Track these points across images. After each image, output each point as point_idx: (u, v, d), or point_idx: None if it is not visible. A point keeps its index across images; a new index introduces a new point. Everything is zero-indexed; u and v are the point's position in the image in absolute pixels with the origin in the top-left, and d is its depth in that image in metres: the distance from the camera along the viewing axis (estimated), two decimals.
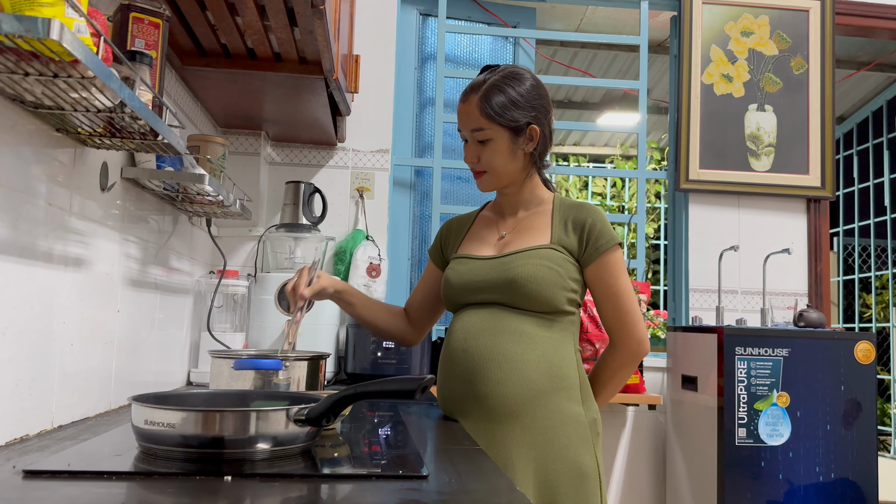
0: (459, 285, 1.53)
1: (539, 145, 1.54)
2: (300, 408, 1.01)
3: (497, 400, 1.41)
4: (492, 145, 1.50)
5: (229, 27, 1.67)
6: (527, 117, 1.50)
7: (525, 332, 1.44)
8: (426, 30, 3.07)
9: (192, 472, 0.92)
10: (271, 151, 2.67)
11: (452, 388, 1.50)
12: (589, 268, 1.50)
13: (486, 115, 1.48)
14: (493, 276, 1.48)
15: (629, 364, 1.54)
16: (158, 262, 1.81)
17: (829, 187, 3.00)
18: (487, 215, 1.67)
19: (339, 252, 2.61)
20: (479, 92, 1.50)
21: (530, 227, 1.56)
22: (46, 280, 1.20)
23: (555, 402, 1.42)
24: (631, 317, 1.50)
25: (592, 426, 1.46)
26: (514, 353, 1.43)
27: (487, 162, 1.51)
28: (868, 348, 2.47)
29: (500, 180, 1.55)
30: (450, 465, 1.11)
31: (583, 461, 1.41)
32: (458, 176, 3.07)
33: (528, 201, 1.59)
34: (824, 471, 2.42)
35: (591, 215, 1.51)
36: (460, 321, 1.53)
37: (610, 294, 1.50)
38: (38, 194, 1.17)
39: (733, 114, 3.00)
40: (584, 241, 1.49)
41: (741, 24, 3.03)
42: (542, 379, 1.42)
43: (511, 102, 1.49)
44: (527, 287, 1.44)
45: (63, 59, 0.87)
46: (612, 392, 1.58)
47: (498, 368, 1.42)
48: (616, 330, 1.52)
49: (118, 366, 1.54)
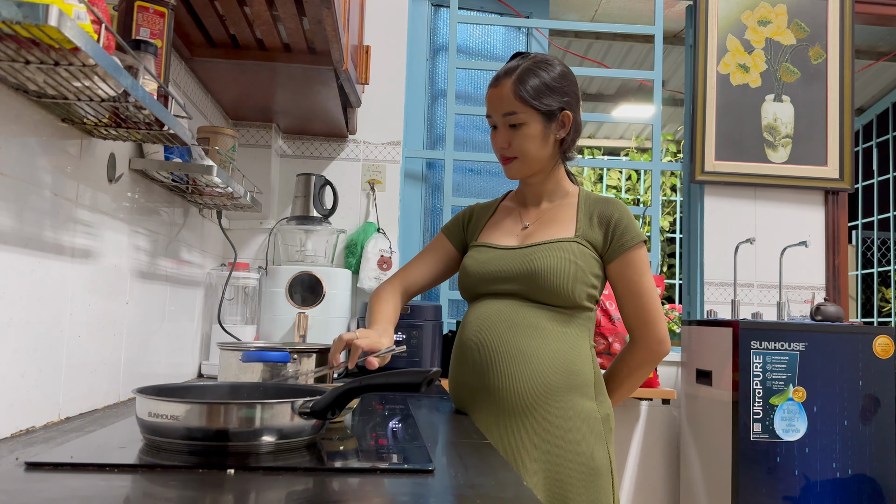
0: (478, 274, 1.50)
1: (570, 133, 1.51)
2: (305, 400, 1.00)
3: (509, 394, 1.39)
4: (524, 130, 1.47)
5: (238, 17, 1.65)
6: (560, 102, 1.48)
7: (541, 327, 1.42)
8: (438, 20, 3.05)
9: (196, 465, 0.91)
10: (282, 144, 2.67)
11: (464, 381, 1.48)
12: (612, 264, 1.47)
13: (519, 99, 1.45)
14: (513, 267, 1.46)
15: (648, 363, 1.52)
16: (169, 255, 1.81)
17: (847, 179, 2.95)
18: (509, 205, 1.64)
19: (350, 245, 2.60)
20: (513, 76, 1.47)
21: (554, 218, 1.53)
22: (53, 271, 1.20)
23: (568, 399, 1.39)
24: (653, 315, 1.47)
25: (605, 422, 1.44)
26: (528, 347, 1.40)
27: (519, 147, 1.48)
28: (887, 343, 2.42)
29: (530, 167, 1.51)
30: (457, 460, 1.10)
31: (595, 457, 1.39)
32: (469, 168, 3.05)
33: (553, 192, 1.56)
34: (841, 467, 2.38)
35: (618, 210, 1.49)
36: (475, 312, 1.49)
37: (633, 292, 1.47)
38: (43, 185, 1.16)
39: (750, 104, 2.95)
40: (609, 236, 1.47)
41: (758, 13, 2.98)
42: (556, 375, 1.39)
43: (545, 86, 1.46)
44: (548, 280, 1.41)
45: (63, 47, 0.86)
46: (629, 391, 1.56)
47: (512, 362, 1.40)
48: (637, 328, 1.49)
49: (127, 357, 1.54)
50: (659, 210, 2.96)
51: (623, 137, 6.81)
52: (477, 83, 3.09)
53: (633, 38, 4.29)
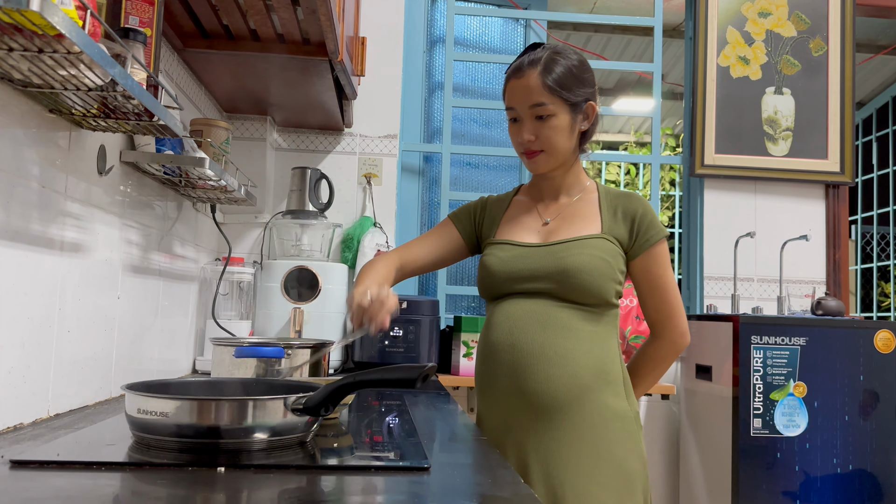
0: (504, 273, 1.45)
1: (592, 125, 1.49)
2: (298, 397, 0.97)
3: (545, 397, 1.36)
4: (552, 122, 1.42)
5: (230, 7, 1.63)
6: (586, 94, 1.45)
7: (574, 327, 1.39)
8: (435, 12, 3.02)
9: (186, 463, 0.89)
10: (277, 137, 2.64)
11: (495, 383, 1.43)
12: (637, 259, 1.45)
13: (548, 89, 1.40)
14: (542, 266, 1.42)
15: (670, 356, 1.51)
16: (162, 249, 1.78)
17: (848, 172, 2.92)
18: (523, 200, 1.58)
19: (347, 239, 2.57)
20: (539, 66, 1.41)
21: (577, 214, 1.49)
22: (41, 265, 1.17)
23: (601, 399, 1.38)
24: (675, 309, 1.47)
25: (636, 419, 1.43)
26: (563, 348, 1.37)
27: (547, 140, 1.43)
28: (889, 337, 2.40)
29: (556, 160, 1.46)
30: (454, 457, 1.08)
31: (630, 457, 1.39)
32: (467, 162, 3.02)
33: (572, 187, 1.53)
34: (842, 462, 2.37)
35: (642, 206, 1.47)
36: (503, 312, 1.44)
37: (656, 286, 1.46)
38: (31, 177, 1.13)
39: (750, 97, 2.93)
40: (634, 231, 1.44)
41: (758, 5, 2.95)
42: (590, 376, 1.38)
43: (573, 76, 1.42)
44: (580, 278, 1.38)
45: (47, 33, 0.83)
46: (651, 383, 1.55)
47: (548, 365, 1.37)
48: (660, 322, 1.48)
49: (119, 353, 1.52)
50: (658, 204, 2.94)
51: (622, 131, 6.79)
52: (474, 76, 3.07)
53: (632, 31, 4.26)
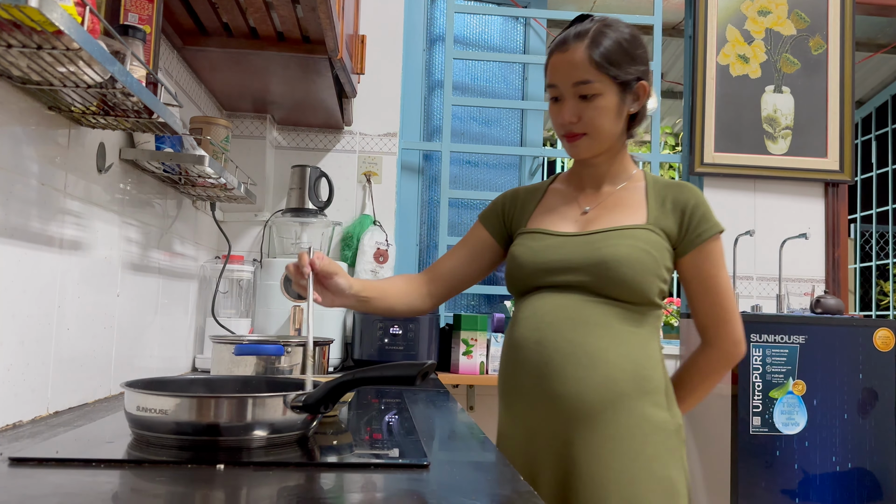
0: (533, 264, 1.31)
1: (643, 108, 1.34)
2: (297, 394, 0.98)
3: (575, 402, 1.22)
4: (598, 102, 1.27)
5: (230, 4, 1.62)
6: (637, 72, 1.30)
7: (610, 326, 1.25)
8: (435, 10, 3.02)
9: (185, 460, 0.89)
10: (277, 135, 2.64)
11: (519, 383, 1.29)
12: (687, 256, 1.30)
13: (595, 66, 1.26)
14: (577, 256, 1.28)
15: (723, 368, 1.36)
16: (161, 247, 1.78)
17: (847, 171, 2.92)
18: (561, 187, 1.44)
19: (346, 237, 2.57)
20: (586, 39, 1.27)
21: (620, 203, 1.35)
22: (40, 263, 1.17)
23: (640, 408, 1.23)
24: (730, 314, 1.33)
25: (678, 433, 1.28)
26: (596, 349, 1.23)
27: (591, 122, 1.28)
28: (888, 336, 2.40)
29: (600, 144, 1.32)
30: (453, 455, 1.08)
31: (672, 475, 1.23)
32: (467, 160, 3.02)
33: (617, 175, 1.38)
34: (840, 460, 2.37)
35: (694, 196, 1.32)
36: (531, 306, 1.31)
37: (709, 287, 1.31)
38: (29, 174, 1.13)
39: (749, 95, 2.93)
40: (684, 225, 1.30)
41: (758, 3, 2.95)
42: (626, 381, 1.23)
43: (624, 52, 1.28)
44: (619, 271, 1.24)
45: (45, 30, 0.83)
46: (699, 398, 1.38)
47: (578, 366, 1.22)
48: (711, 328, 1.33)
49: (119, 351, 1.52)
50: None
51: None
52: (474, 74, 3.07)
53: None
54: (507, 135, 3.10)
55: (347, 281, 1.29)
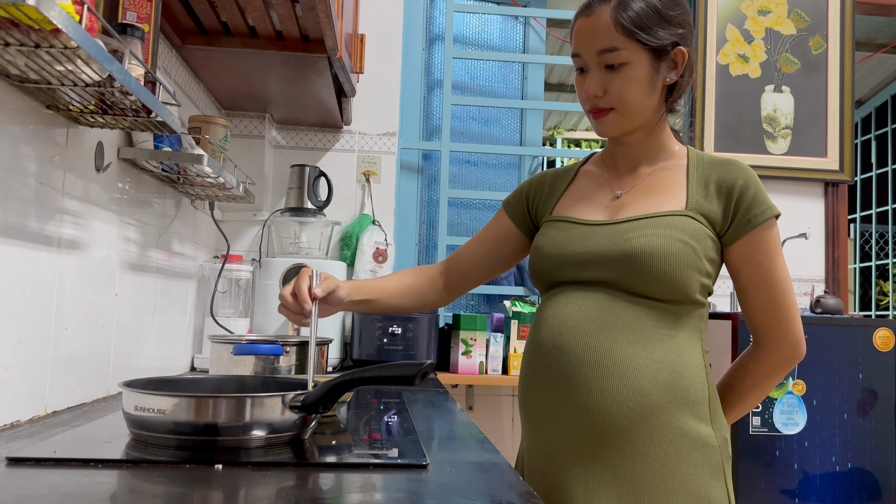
0: (556, 257, 1.18)
1: (684, 75, 1.18)
2: (296, 394, 0.97)
3: (601, 415, 1.08)
4: (626, 71, 1.13)
5: (229, 3, 1.62)
6: (674, 36, 1.14)
7: (642, 329, 1.11)
8: (434, 9, 3.01)
9: (183, 460, 0.88)
10: (276, 134, 2.63)
11: (539, 392, 1.17)
12: (735, 245, 1.15)
13: (623, 31, 1.11)
14: (604, 248, 1.13)
15: (779, 371, 1.20)
16: (160, 246, 1.78)
17: (847, 170, 2.92)
18: (593, 170, 1.29)
19: (345, 237, 2.57)
20: (612, 0, 1.13)
21: (657, 185, 1.19)
22: (38, 262, 1.17)
23: (676, 421, 1.09)
24: (787, 311, 1.16)
25: (723, 449, 1.12)
26: (626, 356, 1.09)
27: (618, 94, 1.14)
28: (888, 336, 2.40)
29: (630, 121, 1.17)
30: (452, 455, 1.08)
31: (714, 495, 1.09)
32: (466, 160, 3.02)
33: (656, 154, 1.22)
34: (840, 461, 2.37)
35: (743, 175, 1.15)
36: (554, 306, 1.17)
37: (763, 281, 1.15)
38: (27, 173, 1.13)
39: (749, 95, 2.92)
40: (731, 208, 1.14)
41: (758, 3, 2.95)
42: (660, 392, 1.08)
43: (656, 13, 1.13)
44: (652, 265, 1.09)
45: (43, 28, 0.83)
46: (750, 406, 1.24)
47: (604, 376, 1.09)
48: (766, 327, 1.18)
49: (117, 351, 1.51)
50: None
51: None
52: (474, 73, 3.06)
53: None
54: (507, 134, 3.10)
55: (346, 290, 1.23)
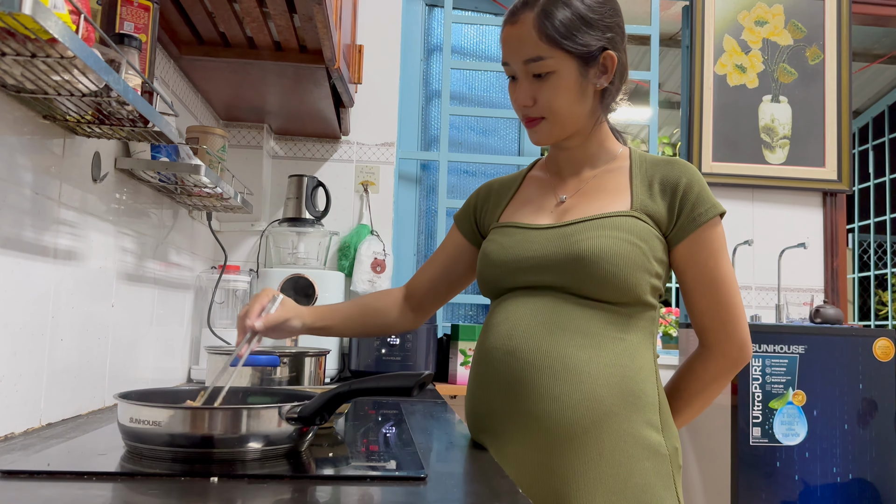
0: (503, 262, 1.17)
1: (615, 79, 1.17)
2: (293, 405, 0.96)
3: (552, 422, 1.06)
4: (554, 80, 1.12)
5: (227, 14, 1.62)
6: (601, 40, 1.13)
7: (593, 332, 1.09)
8: (432, 20, 3.02)
9: (179, 473, 0.87)
10: (274, 145, 2.63)
11: (489, 403, 1.14)
12: (681, 245, 1.14)
13: (546, 39, 1.10)
14: (551, 252, 1.12)
15: (726, 374, 1.19)
16: (157, 257, 1.77)
17: (845, 180, 2.92)
18: (539, 175, 1.29)
19: (344, 247, 2.56)
20: (536, 7, 1.11)
21: (601, 188, 1.19)
22: (33, 272, 1.16)
23: (628, 428, 1.07)
24: (733, 313, 1.15)
25: (673, 458, 1.12)
26: (577, 360, 1.08)
27: (547, 103, 1.13)
28: (888, 345, 2.40)
29: (563, 128, 1.17)
30: (451, 466, 1.07)
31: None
32: (464, 170, 3.02)
33: (596, 157, 1.22)
34: (841, 471, 2.35)
35: (687, 174, 1.14)
36: (503, 312, 1.16)
37: (707, 280, 1.14)
38: (23, 183, 1.12)
39: (747, 105, 2.93)
40: (676, 207, 1.13)
41: (755, 14, 2.96)
42: (612, 397, 1.07)
43: (581, 19, 1.11)
44: (600, 267, 1.08)
45: (40, 38, 0.82)
46: (698, 410, 1.22)
47: (555, 380, 1.07)
48: (712, 330, 1.16)
49: (113, 362, 1.50)
50: None
51: None
52: (472, 84, 3.07)
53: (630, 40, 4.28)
54: (505, 144, 3.10)
55: (302, 320, 1.24)
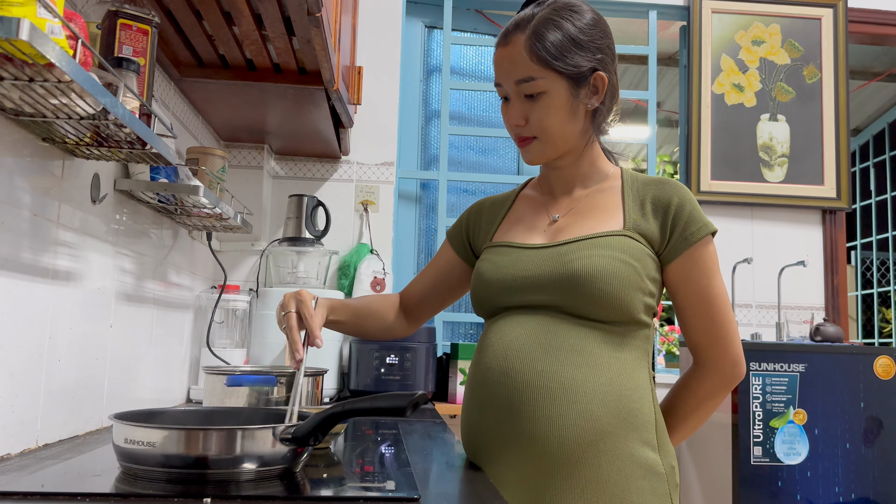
0: (498, 282, 1.18)
1: (606, 100, 1.19)
2: (287, 426, 0.96)
3: (549, 443, 1.06)
4: (545, 100, 1.14)
5: (226, 37, 1.64)
6: (591, 61, 1.15)
7: (588, 352, 1.10)
8: (431, 42, 3.05)
9: (172, 494, 0.87)
10: (274, 165, 2.65)
11: (484, 424, 1.14)
12: (673, 264, 1.15)
13: (537, 60, 1.12)
14: (545, 271, 1.13)
15: (720, 392, 1.19)
16: (157, 277, 1.78)
17: (844, 198, 2.93)
18: (531, 194, 1.31)
19: (343, 266, 2.57)
20: (527, 29, 1.13)
21: (593, 207, 1.20)
22: (31, 293, 1.17)
23: (624, 447, 1.07)
24: (726, 330, 1.16)
25: (670, 477, 1.12)
26: (573, 380, 1.08)
27: (539, 123, 1.16)
28: (888, 363, 2.39)
29: (554, 148, 1.18)
30: (446, 487, 1.06)
31: None
32: (464, 189, 3.03)
33: (588, 176, 1.24)
34: (844, 491, 2.33)
35: (678, 193, 1.16)
36: (498, 332, 1.16)
37: (700, 299, 1.15)
38: (22, 205, 1.13)
39: (745, 124, 2.94)
40: (668, 227, 1.14)
41: (752, 33, 2.98)
42: (609, 416, 1.07)
43: (571, 41, 1.13)
44: (594, 286, 1.09)
45: (37, 63, 0.84)
46: (693, 428, 1.22)
47: (551, 401, 1.07)
48: (706, 347, 1.17)
49: (111, 382, 1.51)
50: None
51: None
52: (471, 104, 3.09)
53: (628, 59, 4.30)
54: (504, 163, 3.12)
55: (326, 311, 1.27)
